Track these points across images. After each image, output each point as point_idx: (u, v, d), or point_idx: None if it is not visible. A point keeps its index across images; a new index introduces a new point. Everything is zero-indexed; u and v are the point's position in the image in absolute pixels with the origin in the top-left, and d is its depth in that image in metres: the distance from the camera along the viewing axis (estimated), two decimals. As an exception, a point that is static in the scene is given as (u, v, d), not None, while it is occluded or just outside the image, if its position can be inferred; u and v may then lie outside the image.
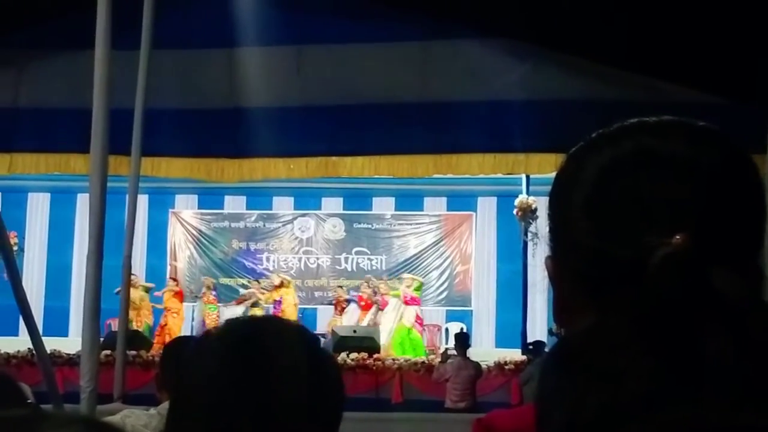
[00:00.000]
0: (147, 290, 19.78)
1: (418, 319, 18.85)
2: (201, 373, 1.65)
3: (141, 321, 18.82)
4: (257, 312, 17.98)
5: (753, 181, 1.11)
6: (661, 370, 0.92)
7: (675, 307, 0.93)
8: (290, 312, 18.49)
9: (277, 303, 19.11)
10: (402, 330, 18.11)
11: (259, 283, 20.20)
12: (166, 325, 19.00)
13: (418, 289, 19.32)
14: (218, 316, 19.04)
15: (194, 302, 20.21)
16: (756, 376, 0.92)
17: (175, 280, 20.30)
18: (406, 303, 18.83)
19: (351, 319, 19.24)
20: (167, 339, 17.06)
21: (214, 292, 20.09)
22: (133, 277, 18.40)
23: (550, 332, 14.15)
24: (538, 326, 16.90)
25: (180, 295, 19.82)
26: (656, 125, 1.13)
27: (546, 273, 1.16)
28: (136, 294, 19.18)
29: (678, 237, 0.99)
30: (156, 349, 16.14)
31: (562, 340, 1.01)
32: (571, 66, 11.14)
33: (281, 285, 19.46)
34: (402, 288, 18.97)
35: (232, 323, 1.77)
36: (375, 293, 19.04)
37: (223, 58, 12.19)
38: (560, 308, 1.13)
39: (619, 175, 1.09)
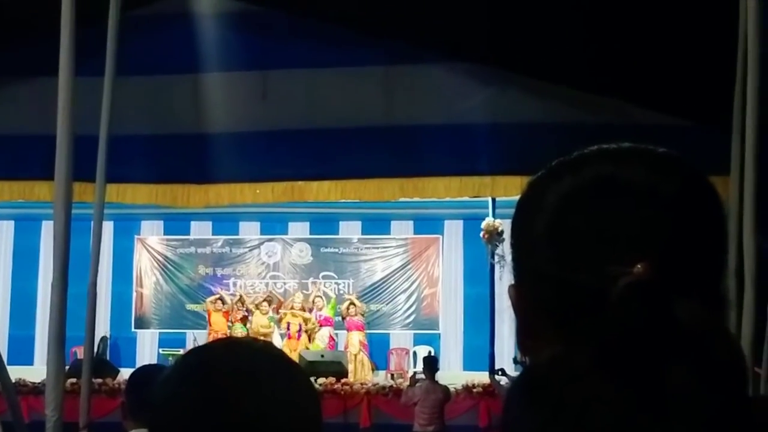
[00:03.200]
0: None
1: (331, 340, 19.11)
2: (161, 401, 1.65)
3: None
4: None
5: (714, 208, 1.11)
6: (624, 400, 0.92)
7: (637, 337, 0.93)
8: (304, 341, 18.73)
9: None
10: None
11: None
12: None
13: (332, 308, 19.54)
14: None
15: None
16: (718, 405, 0.92)
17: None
18: (321, 324, 19.09)
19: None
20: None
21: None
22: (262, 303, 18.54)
23: (515, 361, 14.16)
24: (506, 349, 16.90)
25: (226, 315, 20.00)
26: (616, 152, 1.13)
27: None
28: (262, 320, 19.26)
29: (639, 266, 0.99)
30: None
31: (526, 369, 1.01)
32: (535, 89, 11.20)
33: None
34: (314, 309, 19.26)
35: (191, 350, 1.76)
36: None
37: (188, 83, 12.17)
38: (524, 336, 1.13)
39: (579, 203, 1.09)
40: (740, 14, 5.74)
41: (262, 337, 18.60)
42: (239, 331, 19.01)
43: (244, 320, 19.62)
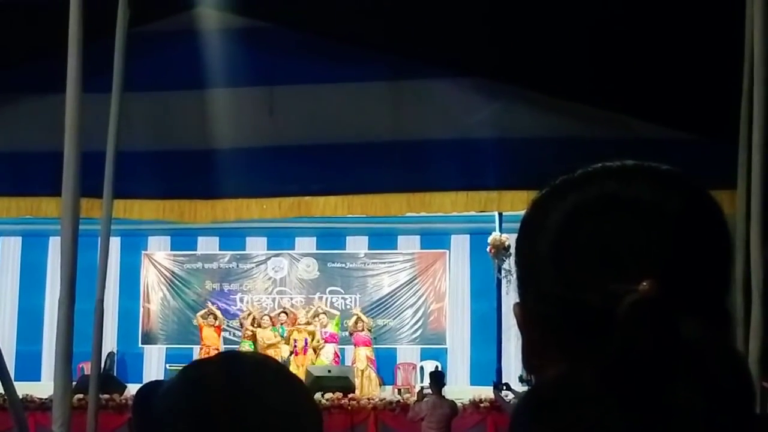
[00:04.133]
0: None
1: (336, 356, 19.09)
2: (162, 413, 1.68)
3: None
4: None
5: (718, 224, 1.11)
6: (630, 421, 0.92)
7: (643, 357, 0.93)
8: (311, 356, 18.74)
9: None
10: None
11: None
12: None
13: (337, 324, 19.55)
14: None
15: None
16: (725, 425, 0.92)
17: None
18: (326, 341, 19.07)
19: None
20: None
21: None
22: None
23: (521, 379, 14.13)
24: (513, 363, 16.87)
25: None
26: (620, 170, 1.13)
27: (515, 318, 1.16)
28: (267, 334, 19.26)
29: (645, 284, 0.99)
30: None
31: (532, 389, 1.01)
32: (541, 104, 11.20)
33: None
34: (317, 326, 19.23)
35: (192, 363, 1.80)
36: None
37: (195, 99, 12.18)
38: (529, 355, 1.13)
39: (583, 221, 1.09)
40: (746, 26, 5.74)
41: (270, 351, 18.60)
42: (247, 347, 19.00)
43: (253, 337, 19.60)
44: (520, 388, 14.77)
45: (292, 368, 18.42)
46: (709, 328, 0.97)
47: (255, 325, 19.71)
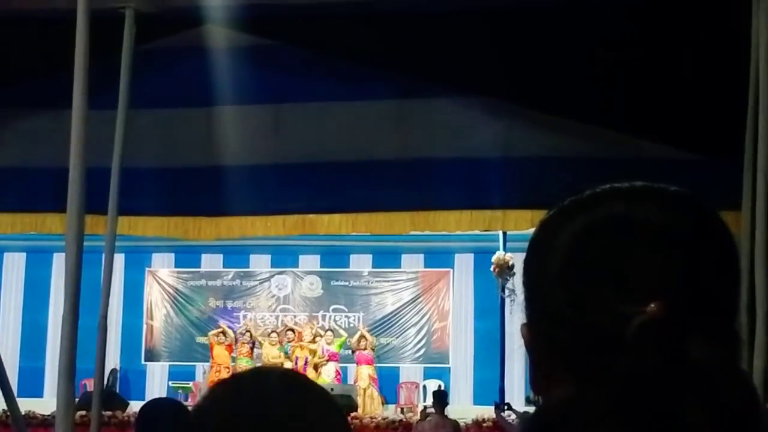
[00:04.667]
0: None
1: (338, 374, 19.07)
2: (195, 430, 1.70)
3: None
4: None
5: (727, 246, 1.11)
6: None
7: (651, 378, 0.93)
8: (311, 374, 18.70)
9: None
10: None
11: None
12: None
13: (340, 345, 19.54)
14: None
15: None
16: None
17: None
18: (328, 359, 19.09)
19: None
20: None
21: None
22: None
23: (528, 400, 14.12)
24: (516, 383, 16.86)
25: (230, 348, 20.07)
26: (628, 191, 1.13)
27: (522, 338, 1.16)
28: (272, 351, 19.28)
29: (653, 305, 0.99)
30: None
31: (539, 410, 1.01)
32: (545, 123, 11.19)
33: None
34: (322, 343, 19.23)
35: (221, 380, 1.79)
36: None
37: (200, 117, 12.19)
38: (537, 376, 1.13)
39: (591, 242, 1.08)
40: (752, 47, 5.75)
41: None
42: (244, 364, 19.00)
43: (250, 354, 19.60)
44: (523, 408, 14.75)
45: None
46: (717, 349, 0.97)
47: (251, 343, 19.77)
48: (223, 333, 20.01)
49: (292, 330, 20.13)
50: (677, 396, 0.92)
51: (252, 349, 19.78)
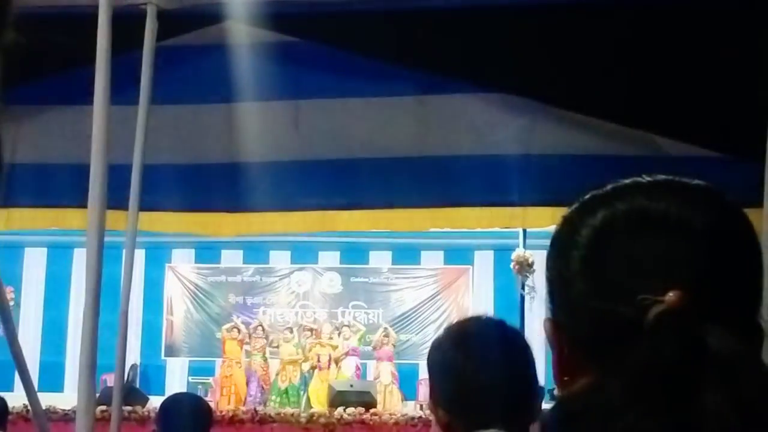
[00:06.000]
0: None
1: (357, 370, 19.10)
2: (438, 358, 2.39)
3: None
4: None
5: (747, 238, 1.11)
6: (658, 430, 0.92)
7: (671, 366, 0.94)
8: (334, 371, 18.80)
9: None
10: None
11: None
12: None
13: (360, 339, 19.58)
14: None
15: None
16: None
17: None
18: (348, 354, 19.13)
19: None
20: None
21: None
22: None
23: (552, 395, 14.11)
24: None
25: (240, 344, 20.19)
26: (649, 185, 1.14)
27: (543, 332, 1.16)
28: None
29: (671, 294, 1.00)
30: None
31: (561, 400, 1.02)
32: (567, 121, 11.15)
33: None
34: (340, 340, 19.27)
35: (456, 323, 2.61)
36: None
37: (220, 113, 12.19)
38: (560, 370, 1.14)
39: (613, 235, 1.09)
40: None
41: (290, 366, 18.62)
42: (259, 360, 19.06)
43: (264, 349, 19.67)
44: (547, 404, 14.73)
45: (315, 383, 18.43)
46: (737, 339, 0.97)
47: (265, 337, 19.86)
48: (236, 328, 20.07)
49: (311, 330, 20.17)
50: (696, 384, 0.93)
51: (266, 344, 19.85)
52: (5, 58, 0.81)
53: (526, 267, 16.68)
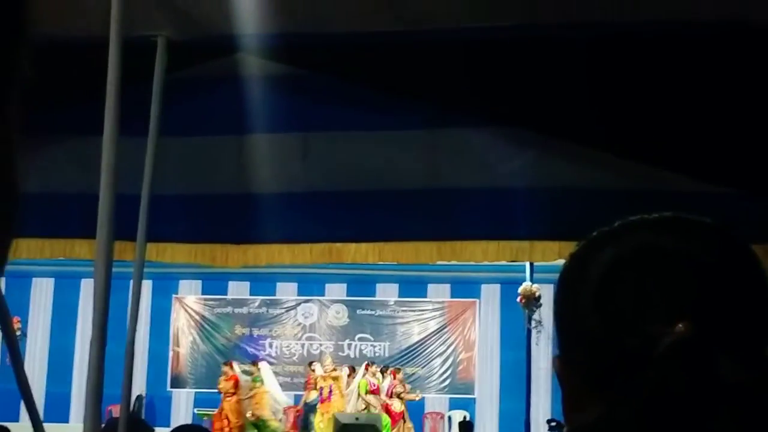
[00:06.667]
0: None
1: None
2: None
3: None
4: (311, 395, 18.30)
5: (754, 272, 1.13)
6: None
7: (679, 396, 0.94)
8: (338, 402, 18.68)
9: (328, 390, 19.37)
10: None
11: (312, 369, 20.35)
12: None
13: (364, 386, 19.60)
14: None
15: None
16: None
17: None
18: (372, 392, 19.13)
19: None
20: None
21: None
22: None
23: (549, 423, 14.04)
24: (542, 415, 16.78)
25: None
26: (656, 222, 1.16)
27: (550, 364, 1.17)
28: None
29: (681, 325, 1.01)
30: None
31: (570, 430, 1.02)
32: (574, 154, 11.17)
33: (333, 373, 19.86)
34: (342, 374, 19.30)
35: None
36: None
37: (229, 144, 12.24)
38: (569, 407, 1.14)
39: (622, 271, 1.11)
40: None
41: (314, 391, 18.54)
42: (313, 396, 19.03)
43: (315, 385, 19.60)
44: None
45: (318, 415, 18.40)
46: (746, 369, 0.98)
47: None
48: (230, 366, 20.08)
49: (312, 369, 20.11)
50: (704, 413, 0.94)
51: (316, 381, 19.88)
52: (21, 89, 0.82)
53: (533, 301, 16.65)
